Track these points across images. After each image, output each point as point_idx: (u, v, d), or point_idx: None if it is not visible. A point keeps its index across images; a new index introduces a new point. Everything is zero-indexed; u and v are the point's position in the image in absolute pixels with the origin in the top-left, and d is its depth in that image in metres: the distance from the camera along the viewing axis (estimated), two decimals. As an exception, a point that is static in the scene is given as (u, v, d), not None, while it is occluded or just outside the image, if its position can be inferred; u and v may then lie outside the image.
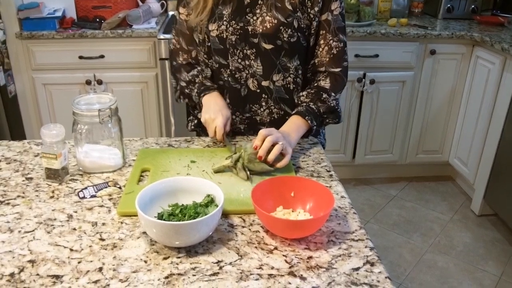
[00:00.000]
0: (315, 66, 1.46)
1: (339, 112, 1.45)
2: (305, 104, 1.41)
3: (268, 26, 1.36)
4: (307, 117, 1.37)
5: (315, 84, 1.45)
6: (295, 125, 1.36)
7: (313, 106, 1.40)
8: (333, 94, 1.43)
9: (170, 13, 3.30)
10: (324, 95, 1.41)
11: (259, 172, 1.23)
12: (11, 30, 2.83)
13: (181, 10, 1.50)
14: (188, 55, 1.53)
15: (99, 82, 2.93)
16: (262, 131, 1.24)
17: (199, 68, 1.52)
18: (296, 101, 1.45)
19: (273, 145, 1.21)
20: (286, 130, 1.33)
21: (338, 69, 1.44)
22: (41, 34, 2.80)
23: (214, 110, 1.40)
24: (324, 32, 1.41)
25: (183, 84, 1.52)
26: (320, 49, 1.43)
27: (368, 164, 3.33)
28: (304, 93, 1.44)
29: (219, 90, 1.49)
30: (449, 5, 3.30)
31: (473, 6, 3.31)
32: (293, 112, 1.41)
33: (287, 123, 1.37)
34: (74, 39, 2.83)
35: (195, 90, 1.48)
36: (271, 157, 1.20)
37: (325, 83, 1.44)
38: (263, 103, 1.46)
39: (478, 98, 2.92)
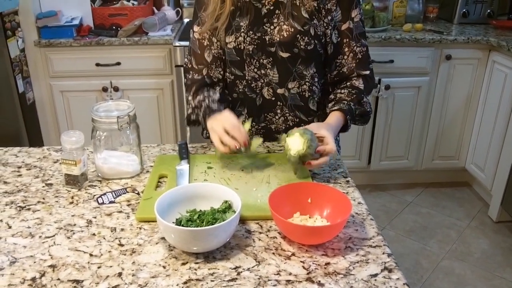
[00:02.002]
0: (344, 75, 1.45)
1: (369, 116, 1.47)
2: (346, 102, 1.39)
3: (285, 35, 1.36)
4: (348, 116, 1.37)
5: (348, 83, 1.45)
6: (339, 122, 1.36)
7: (353, 107, 1.40)
8: (367, 97, 1.44)
9: (185, 20, 3.33)
10: (364, 99, 1.42)
11: (279, 175, 1.25)
12: (29, 38, 2.87)
13: (195, 28, 1.48)
14: (198, 73, 1.50)
15: (116, 89, 2.96)
16: (331, 144, 1.22)
17: (206, 93, 1.46)
18: (332, 96, 1.44)
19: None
20: (334, 126, 1.33)
21: (367, 71, 1.45)
22: (59, 42, 2.84)
23: (221, 121, 1.30)
24: (347, 40, 1.41)
25: (189, 111, 1.48)
26: (345, 57, 1.43)
27: (384, 170, 3.31)
28: (344, 91, 1.43)
29: (231, 104, 1.48)
30: (464, 10, 3.28)
31: (489, 11, 3.29)
32: (335, 107, 1.38)
33: (332, 118, 1.36)
34: (91, 47, 2.87)
35: (201, 115, 1.44)
36: (312, 165, 1.22)
37: (359, 83, 1.44)
38: (278, 111, 1.47)
39: (495, 103, 2.89)
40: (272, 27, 1.37)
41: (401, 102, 3.06)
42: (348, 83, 1.45)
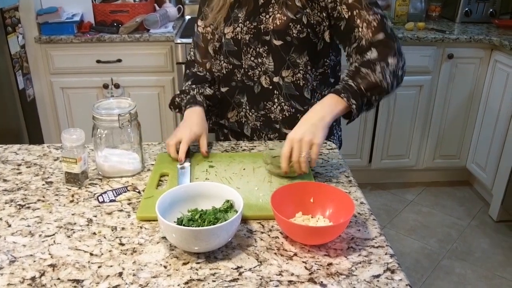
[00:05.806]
0: (362, 48, 1.34)
1: (383, 86, 1.30)
2: (344, 82, 1.30)
3: (278, 23, 1.39)
4: (342, 94, 1.25)
5: (360, 61, 1.33)
6: (328, 105, 1.25)
7: (351, 83, 1.28)
8: (379, 65, 1.30)
9: (187, 17, 3.32)
10: (364, 70, 1.29)
11: (278, 175, 1.24)
12: (30, 34, 2.87)
13: (199, 22, 1.55)
14: (202, 67, 1.57)
15: (117, 86, 2.95)
16: (285, 148, 1.20)
17: (200, 85, 1.52)
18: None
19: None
20: (319, 114, 1.23)
21: (382, 36, 1.34)
22: (60, 39, 2.83)
23: (184, 126, 1.38)
24: (357, 11, 1.33)
25: (177, 92, 1.52)
26: (360, 29, 1.34)
27: (385, 169, 3.31)
28: (345, 71, 1.34)
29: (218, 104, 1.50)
30: (467, 9, 3.27)
31: (491, 10, 3.28)
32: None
33: (320, 102, 1.26)
34: (92, 43, 2.86)
35: (184, 101, 1.46)
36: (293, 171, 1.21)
37: (371, 54, 1.32)
38: (275, 100, 1.48)
39: (497, 102, 2.89)
40: (267, 16, 1.40)
41: (403, 101, 3.05)
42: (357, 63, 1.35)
